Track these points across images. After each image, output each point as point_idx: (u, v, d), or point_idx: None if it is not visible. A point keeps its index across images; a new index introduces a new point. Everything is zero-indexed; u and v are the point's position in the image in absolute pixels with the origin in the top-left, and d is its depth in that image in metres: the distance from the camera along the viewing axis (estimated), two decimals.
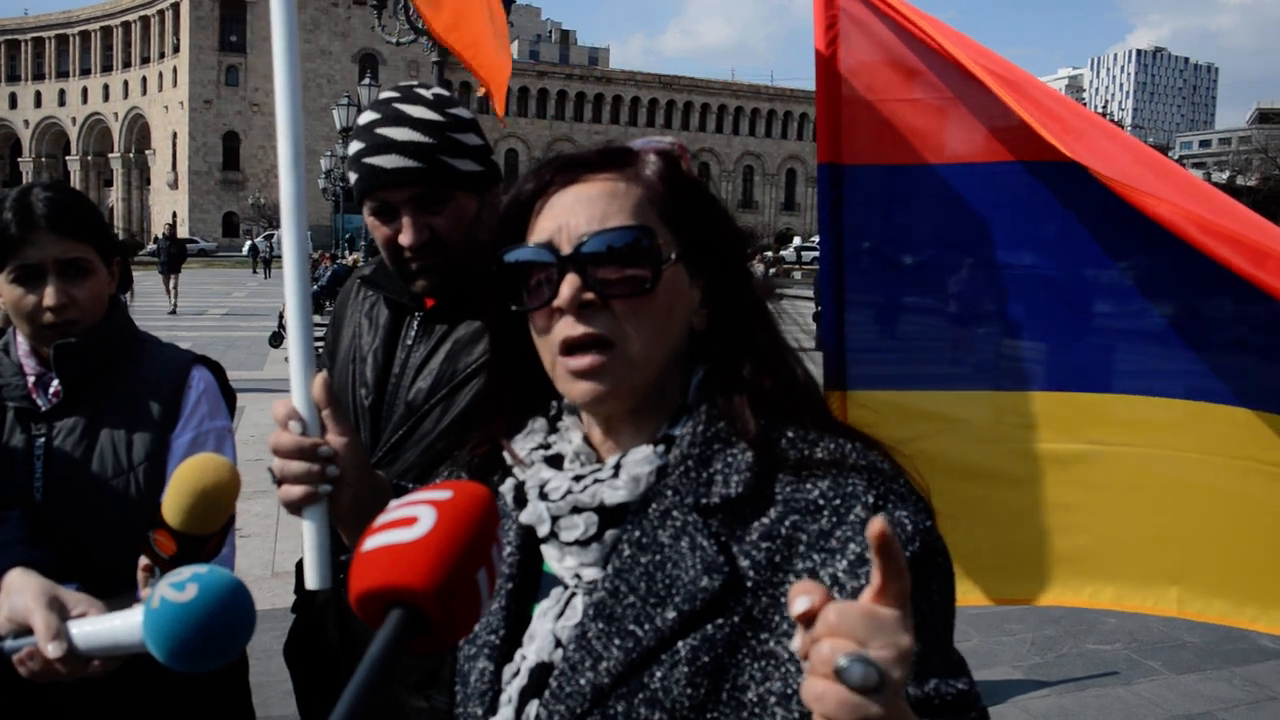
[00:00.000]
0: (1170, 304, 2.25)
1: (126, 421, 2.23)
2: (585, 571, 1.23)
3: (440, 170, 2.18)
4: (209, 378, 2.36)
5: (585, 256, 1.21)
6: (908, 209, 2.64)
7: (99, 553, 2.09)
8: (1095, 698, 5.75)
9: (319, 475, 1.39)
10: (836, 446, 1.21)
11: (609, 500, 1.22)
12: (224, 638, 1.40)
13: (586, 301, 1.21)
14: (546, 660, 1.23)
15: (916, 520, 1.15)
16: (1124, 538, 2.44)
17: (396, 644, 0.84)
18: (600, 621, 1.18)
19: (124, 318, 2.36)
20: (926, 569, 1.13)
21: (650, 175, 1.28)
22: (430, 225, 2.19)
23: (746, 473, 1.19)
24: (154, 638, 1.38)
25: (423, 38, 14.78)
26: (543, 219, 1.27)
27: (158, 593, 1.39)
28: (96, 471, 2.18)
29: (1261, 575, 2.26)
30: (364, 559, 0.89)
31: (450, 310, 2.31)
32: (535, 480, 1.29)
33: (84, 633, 1.55)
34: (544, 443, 1.34)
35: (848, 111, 2.57)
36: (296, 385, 1.43)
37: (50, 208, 2.17)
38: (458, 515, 0.90)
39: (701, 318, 1.30)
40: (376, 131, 2.18)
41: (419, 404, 2.26)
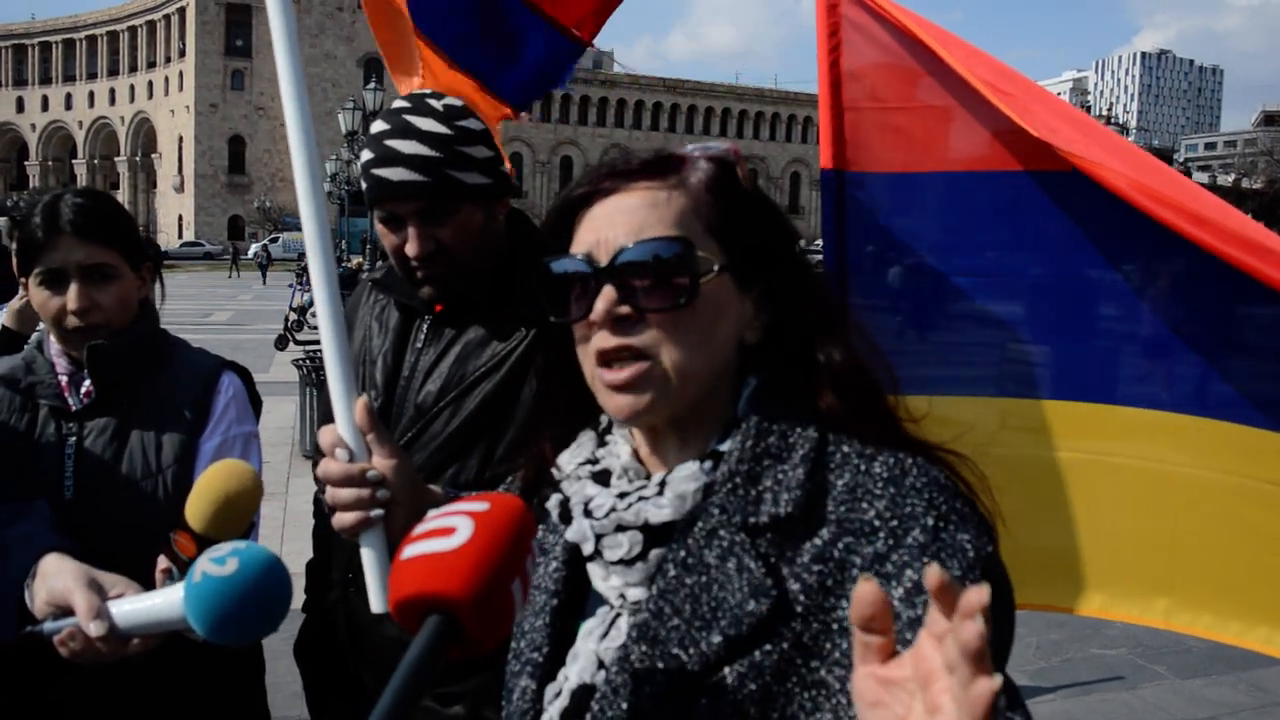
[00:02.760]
0: (1174, 313, 2.24)
1: (156, 424, 2.26)
2: (630, 591, 1.20)
3: (446, 184, 2.19)
4: (237, 383, 2.40)
5: (621, 269, 1.18)
6: (911, 215, 2.65)
7: (125, 553, 2.11)
8: (1100, 703, 5.74)
9: (370, 500, 1.39)
10: (896, 462, 1.15)
11: (653, 519, 1.18)
12: (263, 610, 1.45)
13: (622, 315, 1.18)
14: (589, 682, 1.19)
15: (978, 545, 1.10)
16: (1113, 546, 2.44)
17: (434, 649, 0.86)
18: (644, 644, 1.14)
19: (154, 321, 2.40)
20: None
21: (696, 184, 1.25)
22: (435, 237, 2.21)
23: (797, 490, 1.14)
24: (196, 611, 1.42)
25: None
26: (584, 229, 1.25)
27: (199, 568, 1.44)
28: (126, 472, 2.21)
29: (1250, 592, 2.27)
30: (403, 567, 0.91)
31: (460, 313, 2.33)
32: (580, 496, 1.26)
33: (124, 611, 1.60)
34: (591, 457, 1.31)
35: (850, 117, 2.58)
36: (340, 412, 1.43)
37: (76, 213, 2.20)
38: (494, 526, 0.92)
39: (755, 330, 1.26)
40: (385, 143, 2.21)
41: (428, 406, 2.27)
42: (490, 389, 2.24)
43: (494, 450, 2.23)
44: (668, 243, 1.19)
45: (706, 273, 1.19)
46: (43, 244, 2.19)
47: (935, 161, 2.52)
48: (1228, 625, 2.30)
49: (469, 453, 2.24)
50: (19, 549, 1.85)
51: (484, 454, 2.23)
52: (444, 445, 2.24)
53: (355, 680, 2.40)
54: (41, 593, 1.72)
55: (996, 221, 2.47)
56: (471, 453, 2.24)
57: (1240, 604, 2.28)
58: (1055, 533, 2.49)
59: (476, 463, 2.22)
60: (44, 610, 1.69)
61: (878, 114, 2.56)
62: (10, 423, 2.24)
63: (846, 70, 2.57)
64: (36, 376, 2.28)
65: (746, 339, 1.26)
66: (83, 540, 2.04)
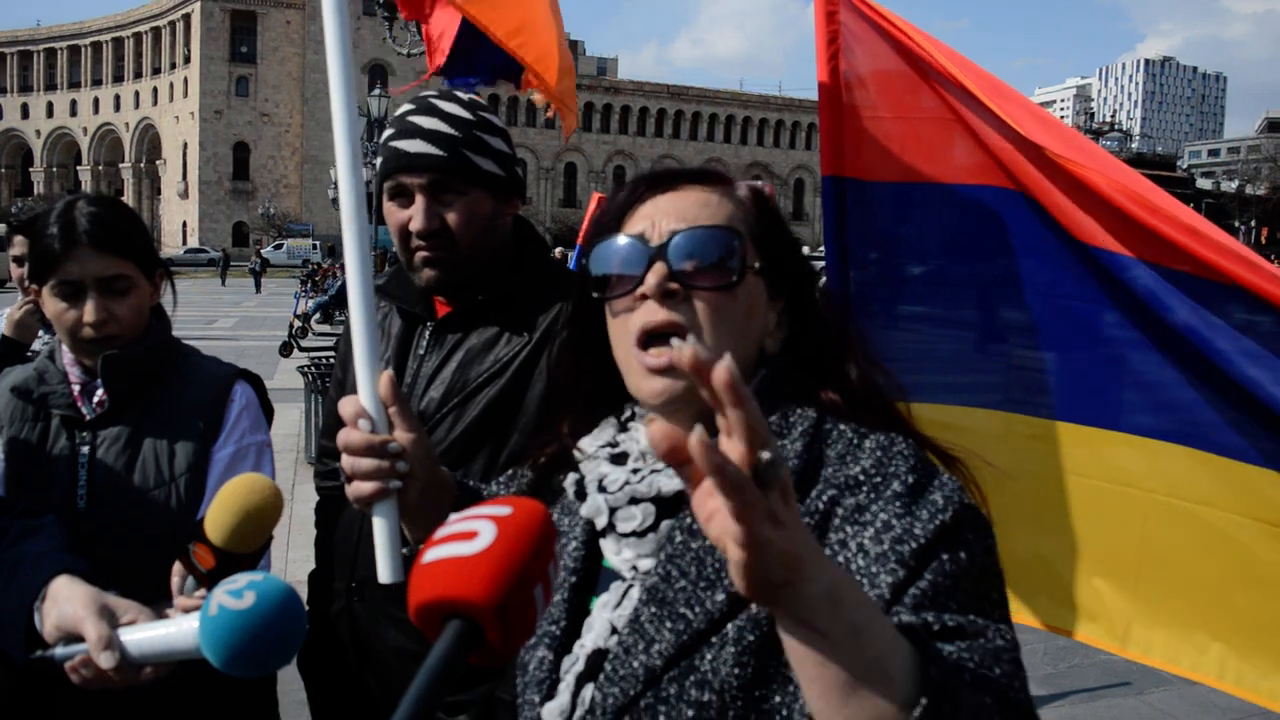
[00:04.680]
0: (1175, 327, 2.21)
1: (169, 433, 2.26)
2: (641, 563, 1.27)
3: (460, 162, 2.23)
4: (250, 392, 2.39)
5: (675, 247, 1.27)
6: (910, 224, 2.65)
7: (138, 561, 2.11)
8: (1108, 708, 5.72)
9: (389, 471, 1.40)
10: (887, 437, 1.24)
11: (665, 489, 1.26)
12: (279, 643, 1.45)
13: (671, 290, 1.26)
14: (602, 646, 1.26)
15: (950, 495, 1.16)
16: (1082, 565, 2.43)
17: (454, 655, 0.86)
18: (653, 606, 1.22)
19: (167, 329, 2.40)
20: (956, 538, 1.13)
21: (743, 196, 1.37)
22: (442, 215, 2.23)
23: (795, 460, 1.22)
24: (211, 644, 1.42)
25: None
26: (635, 218, 1.34)
27: (215, 600, 1.42)
28: (139, 481, 2.21)
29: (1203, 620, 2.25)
30: (424, 570, 0.91)
31: (462, 320, 2.33)
32: (595, 474, 1.35)
33: (136, 640, 1.58)
34: (612, 441, 1.40)
35: (850, 125, 2.58)
36: (364, 383, 1.45)
37: (93, 224, 2.19)
38: (517, 531, 0.92)
39: (776, 341, 1.35)
40: (408, 119, 2.25)
41: (431, 413, 2.27)
42: (493, 395, 2.24)
43: (498, 456, 2.22)
44: (721, 231, 1.29)
45: (750, 267, 1.30)
46: (59, 255, 2.18)
47: (934, 173, 2.52)
48: (1179, 656, 2.29)
49: (472, 459, 2.23)
50: (29, 568, 1.83)
51: (488, 460, 2.22)
52: (447, 452, 2.23)
53: (360, 690, 2.39)
54: (52, 617, 1.70)
55: (996, 233, 2.46)
56: (475, 459, 2.23)
57: (1194, 632, 2.26)
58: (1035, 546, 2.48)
59: (480, 469, 2.21)
60: (53, 635, 1.67)
61: (876, 122, 2.57)
62: (23, 433, 2.23)
63: (845, 78, 2.58)
64: (49, 386, 2.27)
65: (769, 347, 1.35)
66: (95, 549, 2.04)
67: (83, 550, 2.02)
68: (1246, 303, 2.03)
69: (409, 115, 2.27)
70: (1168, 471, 2.24)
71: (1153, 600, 2.32)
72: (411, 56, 16.97)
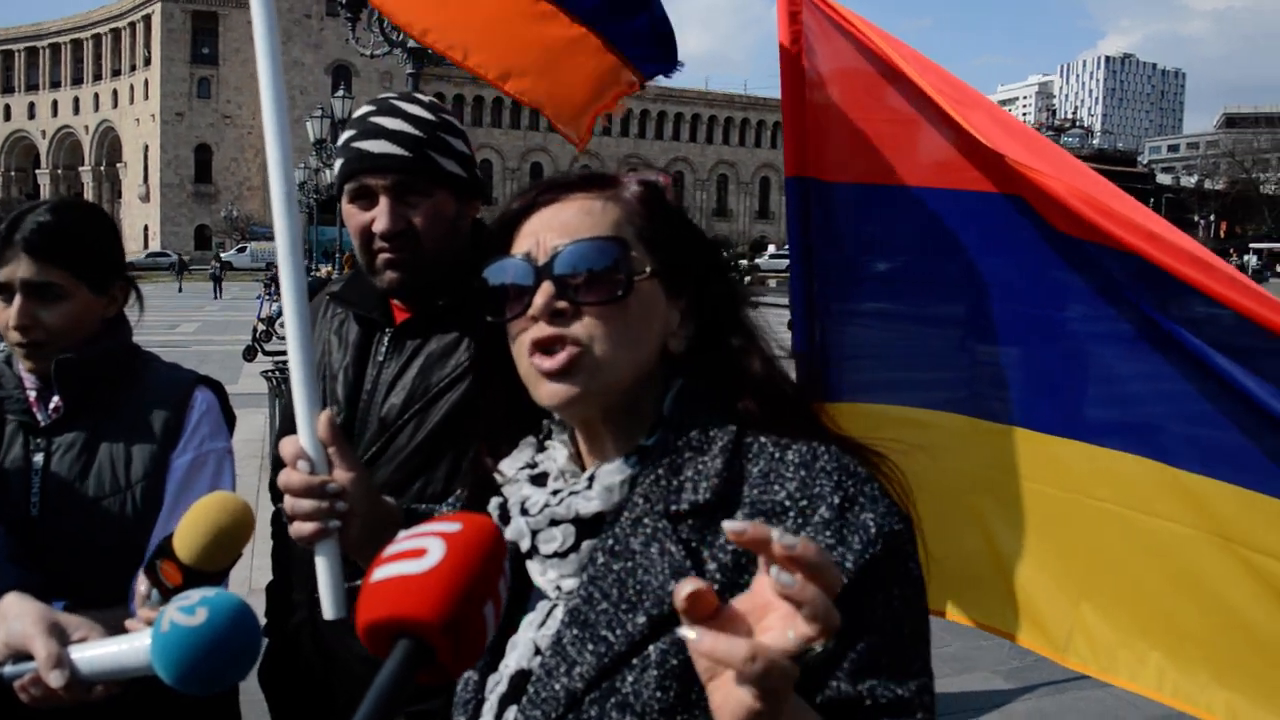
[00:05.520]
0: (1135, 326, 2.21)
1: (126, 439, 2.22)
2: (565, 582, 1.26)
3: (425, 163, 2.21)
4: (211, 398, 2.35)
5: (559, 266, 1.25)
6: (874, 225, 2.66)
7: (92, 569, 2.09)
8: (1075, 700, 5.77)
9: (329, 511, 1.41)
10: (809, 449, 1.22)
11: (583, 511, 1.25)
12: (233, 659, 1.42)
13: (559, 309, 1.24)
14: (525, 667, 1.26)
15: (882, 523, 1.15)
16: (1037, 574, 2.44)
17: (403, 674, 0.84)
18: (575, 628, 1.21)
19: (126, 336, 2.36)
20: (887, 572, 1.14)
21: (629, 197, 1.33)
22: (406, 217, 2.20)
23: (715, 479, 1.21)
24: (163, 661, 1.39)
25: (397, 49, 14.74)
26: (522, 235, 1.31)
27: (167, 617, 1.39)
28: (94, 488, 2.18)
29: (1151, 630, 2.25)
30: (373, 590, 0.89)
31: (421, 325, 2.30)
32: (517, 497, 1.33)
33: (86, 658, 1.55)
34: (531, 462, 1.38)
35: (813, 126, 2.59)
36: (303, 424, 1.46)
37: (34, 230, 2.16)
38: (467, 548, 0.90)
39: (679, 340, 1.32)
40: (370, 120, 2.23)
41: (392, 420, 2.25)
42: (455, 399, 2.22)
43: (460, 462, 2.18)
44: (604, 242, 1.26)
45: (639, 273, 1.27)
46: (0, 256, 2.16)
47: (897, 174, 2.52)
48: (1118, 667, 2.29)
49: (435, 465, 2.21)
50: None
51: (451, 466, 2.20)
52: (409, 459, 2.22)
53: (325, 702, 2.36)
54: (0, 634, 1.67)
55: (958, 235, 2.46)
56: (438, 465, 2.21)
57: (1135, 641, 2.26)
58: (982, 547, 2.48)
59: (444, 475, 2.19)
60: (1, 654, 1.63)
61: (840, 123, 2.57)
62: None
63: (809, 78, 2.58)
64: (5, 391, 2.24)
65: (672, 346, 1.32)
66: (48, 557, 2.02)
67: (35, 558, 2.00)
68: (1205, 303, 2.04)
69: (370, 116, 2.24)
70: (1118, 480, 2.23)
71: (1096, 609, 2.32)
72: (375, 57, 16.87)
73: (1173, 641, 2.20)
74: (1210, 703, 2.13)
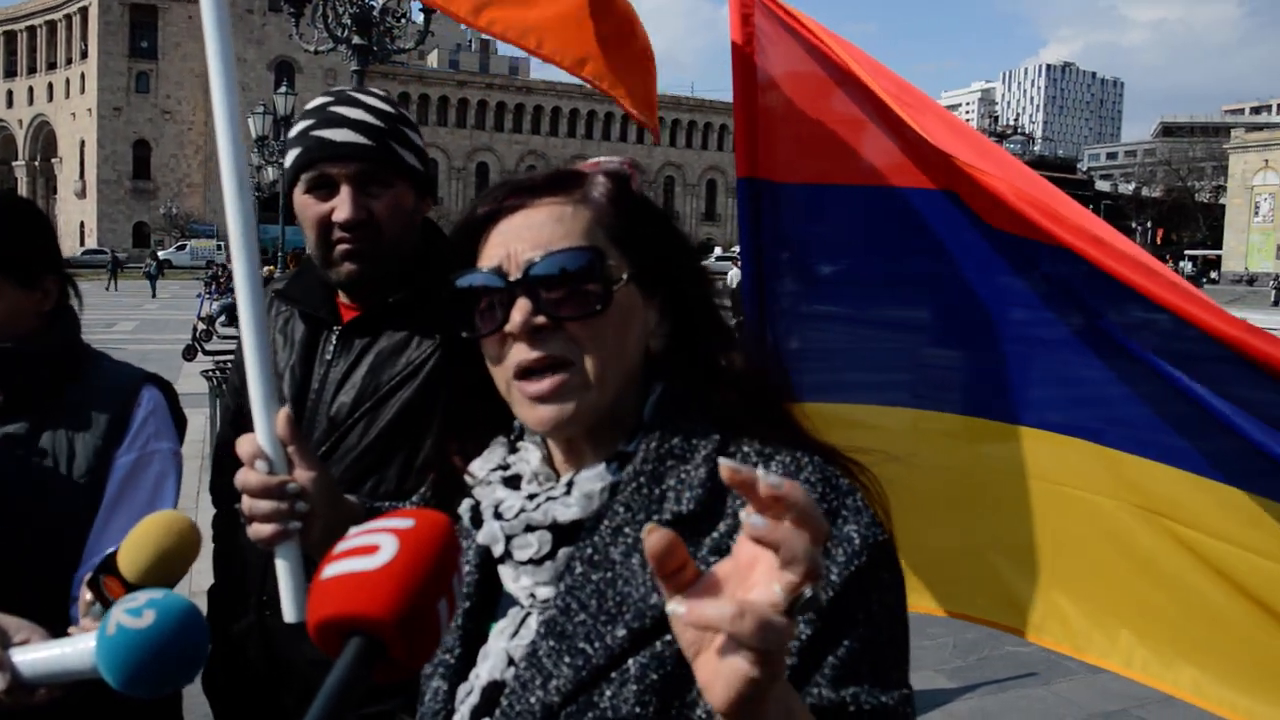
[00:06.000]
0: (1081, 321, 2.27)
1: (69, 434, 2.16)
2: (539, 590, 1.23)
3: (386, 153, 2.19)
4: (159, 398, 2.29)
5: (534, 280, 1.20)
6: (821, 225, 2.68)
7: (30, 564, 2.04)
8: (1017, 699, 5.87)
9: (288, 513, 1.38)
10: (792, 460, 1.20)
11: (561, 518, 1.21)
12: (180, 662, 1.40)
13: (538, 325, 1.20)
14: (498, 679, 1.22)
15: (866, 534, 1.14)
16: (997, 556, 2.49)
17: (356, 672, 0.83)
18: (551, 639, 1.18)
19: (71, 332, 2.30)
20: (870, 582, 1.13)
21: (598, 197, 1.28)
22: (368, 207, 2.17)
23: (699, 489, 1.18)
24: (109, 664, 1.36)
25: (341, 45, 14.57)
26: (491, 245, 1.27)
27: (113, 619, 1.37)
28: (35, 481, 2.12)
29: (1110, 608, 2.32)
30: (323, 587, 0.88)
31: (370, 323, 2.27)
32: (490, 500, 1.29)
33: (29, 660, 1.51)
34: (503, 463, 1.34)
35: (764, 127, 2.60)
36: (260, 423, 1.41)
37: None
38: (420, 544, 0.89)
39: (658, 338, 1.29)
40: (329, 109, 2.20)
41: (342, 419, 2.21)
42: (407, 397, 2.19)
43: (412, 460, 2.17)
44: (579, 252, 1.22)
45: (617, 280, 1.23)
46: None
47: (846, 174, 2.54)
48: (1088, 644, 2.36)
49: (387, 464, 2.18)
50: None
51: (403, 465, 2.17)
52: (361, 457, 2.19)
53: (272, 709, 2.31)
54: None
55: (906, 233, 2.49)
56: (390, 464, 2.18)
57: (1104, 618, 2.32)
58: (948, 537, 2.52)
59: (395, 473, 2.17)
60: None
61: (790, 124, 2.59)
62: None
63: (761, 80, 2.59)
64: None
65: (652, 346, 1.29)
66: None
67: None
68: (1144, 304, 2.08)
69: (330, 106, 2.21)
70: (1074, 465, 2.29)
71: (1064, 590, 2.38)
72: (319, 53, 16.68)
73: (1139, 620, 2.26)
74: (1176, 678, 2.20)
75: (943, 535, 2.51)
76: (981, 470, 2.46)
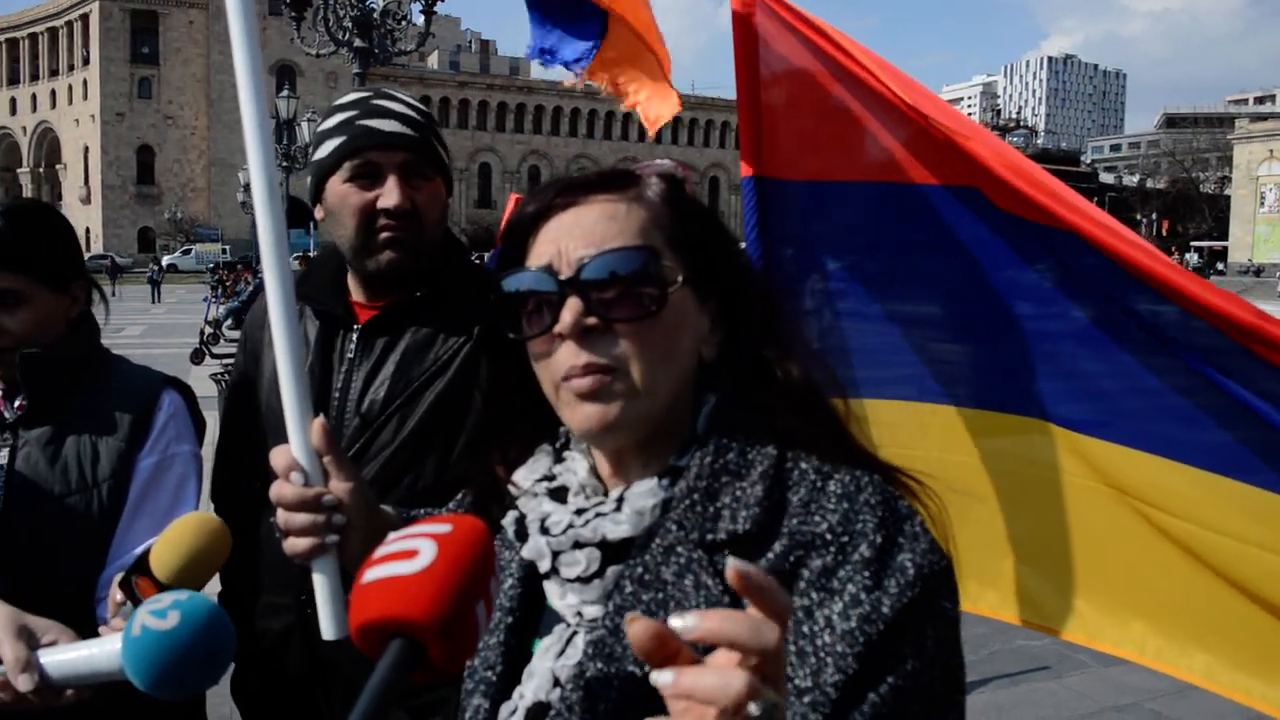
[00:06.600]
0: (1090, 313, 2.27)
1: (92, 438, 2.19)
2: (587, 609, 1.18)
3: (429, 146, 2.25)
4: (179, 401, 2.32)
5: (586, 280, 1.15)
6: (825, 221, 2.68)
7: (57, 568, 2.07)
8: (1028, 692, 5.85)
9: (325, 526, 1.34)
10: (852, 479, 1.14)
11: (611, 535, 1.16)
12: (205, 664, 1.41)
13: (589, 327, 1.15)
14: (544, 700, 1.17)
15: (921, 562, 1.09)
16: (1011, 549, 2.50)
17: (397, 674, 0.85)
18: (599, 661, 1.13)
19: (94, 336, 2.33)
20: (925, 613, 1.07)
21: (653, 197, 1.23)
22: (412, 197, 2.20)
23: (756, 508, 1.13)
24: (135, 665, 1.38)
25: (343, 49, 14.60)
26: (541, 243, 1.21)
27: (138, 620, 1.38)
28: (59, 486, 2.14)
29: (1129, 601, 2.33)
30: (364, 591, 0.89)
31: (390, 321, 2.28)
32: (537, 514, 1.24)
33: (56, 662, 1.53)
34: (549, 473, 1.29)
35: (767, 125, 2.60)
36: (295, 434, 1.37)
37: None
38: (458, 549, 0.91)
39: (711, 346, 1.24)
40: (371, 102, 2.24)
41: (374, 415, 2.22)
42: (440, 391, 2.20)
43: (447, 457, 2.17)
44: (634, 252, 1.16)
45: (671, 283, 1.18)
46: None
47: (851, 170, 2.55)
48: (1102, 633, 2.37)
49: (423, 460, 2.18)
50: None
51: (439, 460, 2.17)
52: (396, 454, 2.19)
53: (309, 710, 2.30)
54: None
55: (910, 228, 2.50)
56: (425, 460, 2.18)
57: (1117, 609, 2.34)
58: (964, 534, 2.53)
59: (432, 469, 2.17)
60: None
61: (794, 121, 2.59)
62: None
63: (764, 77, 2.60)
64: None
65: (704, 354, 1.24)
66: (13, 555, 2.00)
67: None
68: (1153, 296, 2.08)
69: (372, 99, 2.25)
70: (1083, 458, 2.30)
71: (1075, 581, 2.39)
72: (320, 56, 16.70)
73: (1152, 609, 2.28)
74: (1190, 664, 2.24)
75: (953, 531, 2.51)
76: (989, 463, 2.47)
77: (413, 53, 16.24)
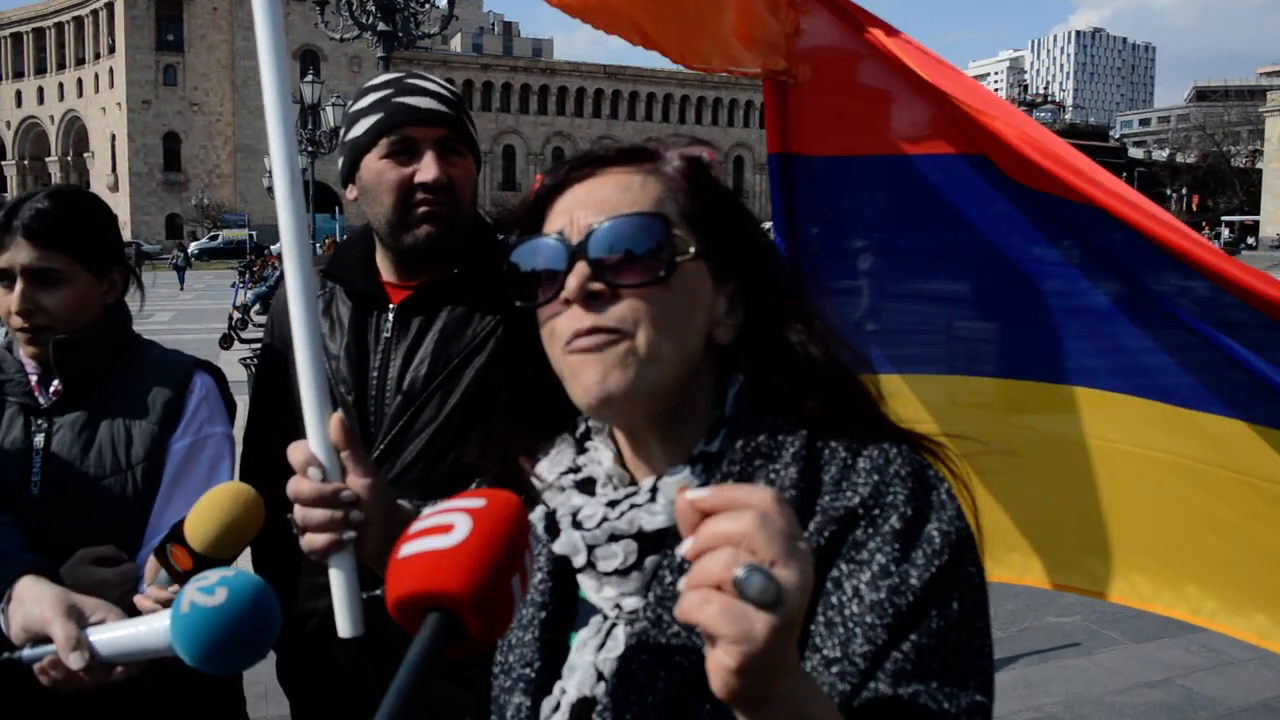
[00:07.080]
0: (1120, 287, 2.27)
1: (126, 421, 2.24)
2: (626, 601, 1.17)
3: (463, 125, 2.30)
4: (210, 383, 2.36)
5: (594, 246, 1.14)
6: (853, 197, 2.67)
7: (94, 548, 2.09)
8: (1058, 669, 5.84)
9: (343, 522, 1.31)
10: (880, 453, 1.15)
11: (648, 526, 1.15)
12: (253, 640, 1.44)
13: (595, 292, 1.14)
14: (588, 695, 1.16)
15: (949, 530, 1.09)
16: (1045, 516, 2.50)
17: (434, 647, 0.86)
18: (644, 653, 1.12)
19: (127, 322, 2.37)
20: (950, 580, 1.08)
21: (671, 171, 1.22)
22: (449, 173, 2.24)
23: (791, 490, 1.12)
24: (184, 642, 1.41)
25: (366, 33, 14.62)
26: (555, 213, 1.21)
27: (186, 597, 1.42)
28: (94, 469, 2.19)
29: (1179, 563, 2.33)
30: (401, 565, 0.91)
31: (425, 300, 2.30)
32: (567, 508, 1.22)
33: (105, 640, 1.57)
34: (573, 465, 1.27)
35: (793, 101, 2.59)
36: (313, 428, 1.34)
37: (33, 217, 2.19)
38: (493, 522, 0.92)
39: (727, 329, 1.22)
40: (406, 82, 2.29)
41: (417, 392, 2.24)
42: (480, 368, 2.22)
43: (489, 434, 2.17)
44: (643, 218, 1.16)
45: (682, 253, 1.16)
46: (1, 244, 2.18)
47: (878, 145, 2.54)
48: (1155, 595, 2.37)
49: (466, 436, 2.20)
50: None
51: (481, 438, 2.18)
52: (440, 431, 2.22)
53: (362, 689, 2.31)
54: (18, 618, 1.69)
55: (938, 201, 2.49)
56: (468, 436, 2.19)
57: (1169, 573, 2.34)
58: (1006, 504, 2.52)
59: (475, 445, 2.17)
60: (20, 637, 1.67)
61: (820, 97, 2.58)
62: None
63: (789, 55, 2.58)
64: (6, 375, 2.26)
65: (719, 337, 1.22)
66: (47, 536, 2.03)
67: (35, 537, 2.01)
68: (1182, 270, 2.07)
69: (405, 79, 2.30)
70: (1126, 422, 2.30)
71: (1125, 544, 2.39)
72: (344, 41, 16.74)
73: (1205, 570, 2.29)
74: (1247, 624, 2.24)
75: (994, 503, 2.51)
76: (1032, 432, 2.47)
77: (436, 35, 16.25)
